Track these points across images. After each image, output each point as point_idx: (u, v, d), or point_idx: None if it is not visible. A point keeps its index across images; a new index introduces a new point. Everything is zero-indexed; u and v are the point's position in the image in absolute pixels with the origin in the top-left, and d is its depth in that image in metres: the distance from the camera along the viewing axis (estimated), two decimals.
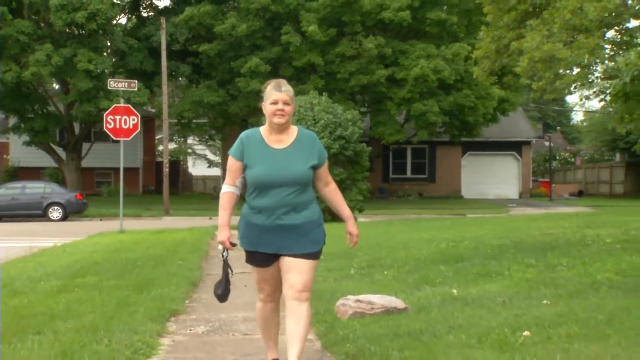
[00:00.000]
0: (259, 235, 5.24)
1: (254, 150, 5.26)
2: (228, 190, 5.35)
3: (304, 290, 5.19)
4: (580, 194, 50.99)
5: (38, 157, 41.34)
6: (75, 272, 11.66)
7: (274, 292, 5.45)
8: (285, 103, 5.19)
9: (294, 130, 5.38)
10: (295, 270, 5.19)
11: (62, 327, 7.19)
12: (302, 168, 5.23)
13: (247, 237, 5.32)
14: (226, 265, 5.38)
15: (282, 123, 5.23)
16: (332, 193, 5.49)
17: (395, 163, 46.77)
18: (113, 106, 23.15)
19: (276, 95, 5.18)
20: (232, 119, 39.02)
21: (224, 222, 5.33)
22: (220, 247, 5.36)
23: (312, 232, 5.28)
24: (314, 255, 5.29)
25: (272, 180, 5.16)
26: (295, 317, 5.17)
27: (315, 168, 5.33)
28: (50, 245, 17.24)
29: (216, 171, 54.01)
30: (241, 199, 5.49)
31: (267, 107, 5.25)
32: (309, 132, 5.50)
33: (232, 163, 5.34)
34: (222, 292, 5.45)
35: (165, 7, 40.80)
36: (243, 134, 5.41)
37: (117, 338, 6.58)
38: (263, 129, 5.38)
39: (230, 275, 5.45)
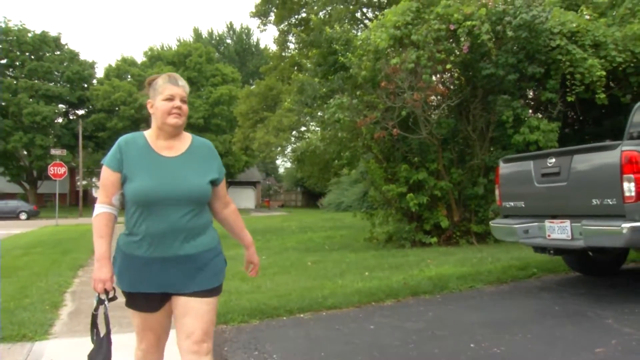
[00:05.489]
0: (141, 270, 1.77)
1: (135, 157, 1.80)
2: (103, 210, 1.80)
3: (204, 341, 1.79)
4: (282, 206, 52.21)
5: (14, 188, 37.95)
6: (31, 245, 10.60)
7: (160, 340, 1.93)
8: (183, 100, 1.88)
9: (187, 136, 1.93)
10: (193, 314, 1.80)
11: (22, 274, 6.53)
12: (200, 181, 1.83)
13: (126, 273, 1.80)
14: (106, 322, 1.80)
15: (179, 125, 1.86)
16: (234, 215, 2.16)
17: None
18: (53, 162, 21.62)
19: (172, 89, 1.85)
20: None
21: (102, 254, 1.78)
22: (96, 294, 1.77)
23: (212, 262, 1.90)
24: (215, 291, 1.91)
25: (161, 196, 1.75)
26: None
27: (214, 184, 1.91)
28: (19, 232, 15.97)
29: None
30: None
31: (158, 105, 1.85)
32: (204, 140, 1.97)
33: (108, 175, 1.80)
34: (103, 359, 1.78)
35: (82, 114, 38.20)
36: (122, 139, 1.86)
37: (51, 279, 5.98)
38: (148, 133, 1.89)
39: (110, 333, 1.81)
